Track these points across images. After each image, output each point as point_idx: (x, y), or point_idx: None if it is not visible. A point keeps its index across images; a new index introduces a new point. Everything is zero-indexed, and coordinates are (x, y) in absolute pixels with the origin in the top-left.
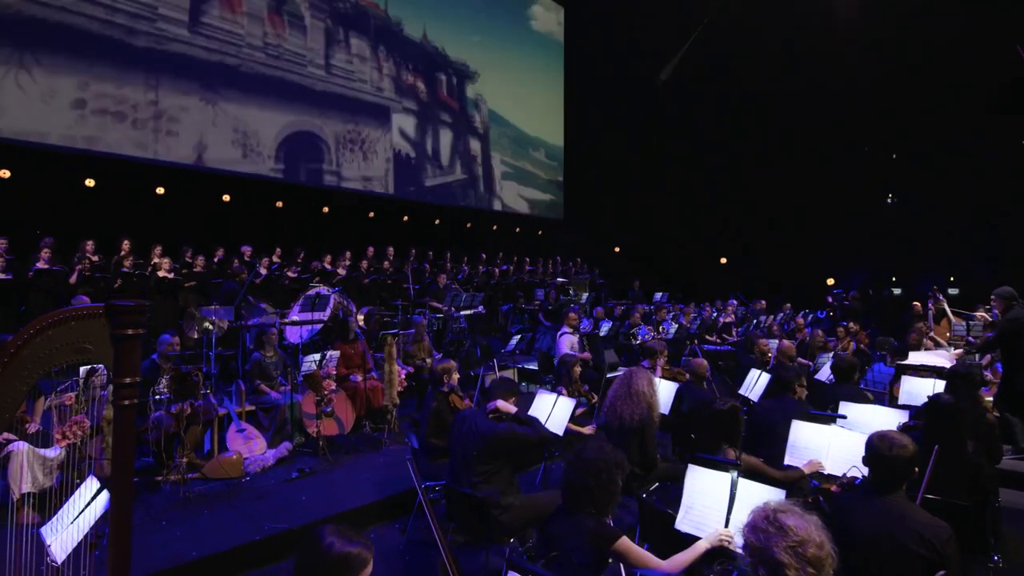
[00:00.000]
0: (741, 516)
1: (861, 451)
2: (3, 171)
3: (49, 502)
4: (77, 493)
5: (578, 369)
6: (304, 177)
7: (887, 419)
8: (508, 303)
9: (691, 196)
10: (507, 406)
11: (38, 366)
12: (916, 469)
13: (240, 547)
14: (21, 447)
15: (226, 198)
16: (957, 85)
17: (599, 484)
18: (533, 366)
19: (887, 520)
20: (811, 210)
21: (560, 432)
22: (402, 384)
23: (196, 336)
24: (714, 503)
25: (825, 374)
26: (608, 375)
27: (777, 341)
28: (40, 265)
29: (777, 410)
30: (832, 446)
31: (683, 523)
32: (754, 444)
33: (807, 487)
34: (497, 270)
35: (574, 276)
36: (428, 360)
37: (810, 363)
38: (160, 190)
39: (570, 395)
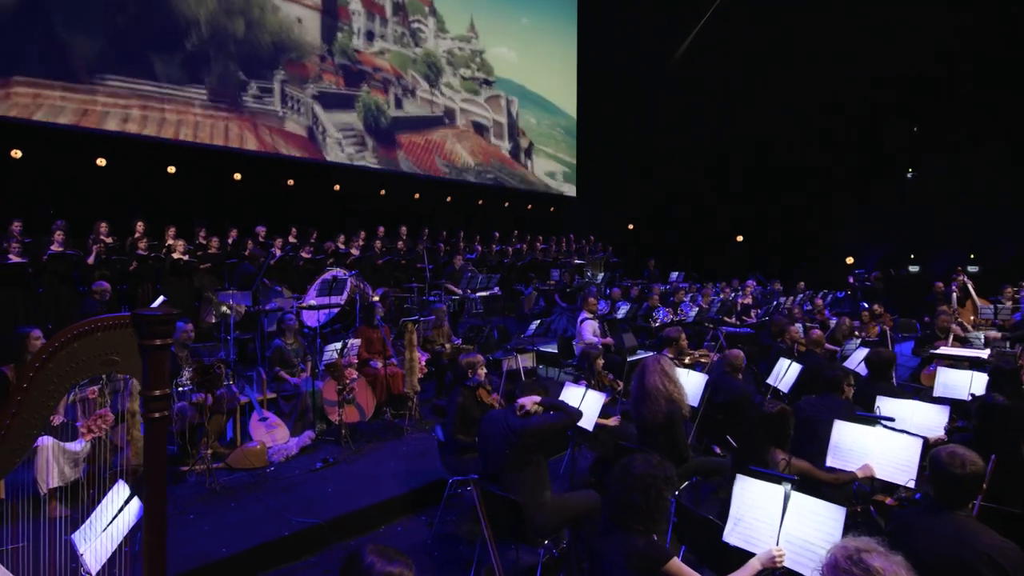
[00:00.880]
0: (794, 531)
1: (908, 455)
2: (14, 151)
3: (77, 495)
4: (107, 499)
5: (600, 361)
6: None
7: (929, 417)
8: (521, 283)
9: (705, 172)
10: (532, 401)
11: (64, 380)
12: (984, 485)
13: (269, 543)
14: (46, 442)
15: (237, 177)
16: (980, 54)
17: (648, 501)
18: (549, 348)
19: (955, 543)
20: (827, 186)
21: (590, 427)
22: (422, 371)
23: (214, 320)
24: (765, 516)
25: (854, 362)
26: (629, 359)
27: (799, 325)
28: (54, 248)
29: (823, 408)
30: (877, 449)
31: (732, 535)
32: (796, 444)
33: (850, 492)
34: (510, 248)
35: (587, 255)
36: (448, 346)
37: (837, 349)
38: (171, 169)
39: (594, 387)
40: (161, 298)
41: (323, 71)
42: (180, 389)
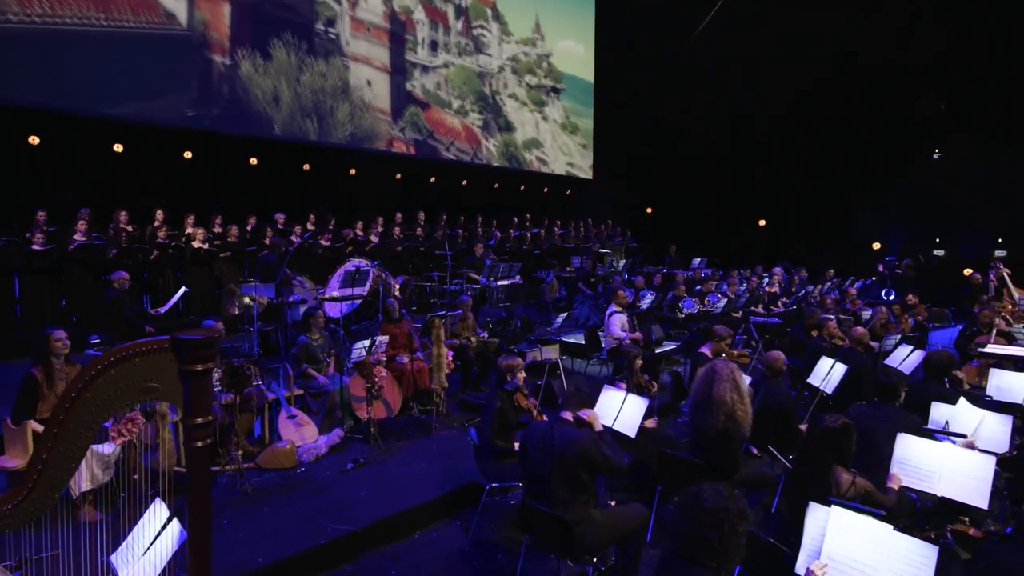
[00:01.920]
0: (875, 566)
1: (980, 475)
2: (32, 137)
3: (109, 498)
4: (145, 518)
5: (639, 361)
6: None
7: (992, 427)
8: (541, 270)
9: (725, 154)
10: (596, 420)
11: (103, 410)
12: None
13: (306, 553)
14: None
15: (253, 161)
16: (1009, 28)
17: (721, 537)
18: (572, 338)
19: None
20: (851, 167)
21: (632, 434)
22: (450, 366)
23: (236, 312)
24: (845, 551)
25: (896, 360)
26: (657, 351)
27: (833, 317)
28: (79, 238)
29: (878, 418)
30: (947, 467)
31: (804, 568)
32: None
33: (912, 510)
34: (528, 234)
35: (607, 240)
36: (473, 339)
37: (874, 344)
38: (188, 154)
39: (631, 389)
40: (183, 289)
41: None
42: None
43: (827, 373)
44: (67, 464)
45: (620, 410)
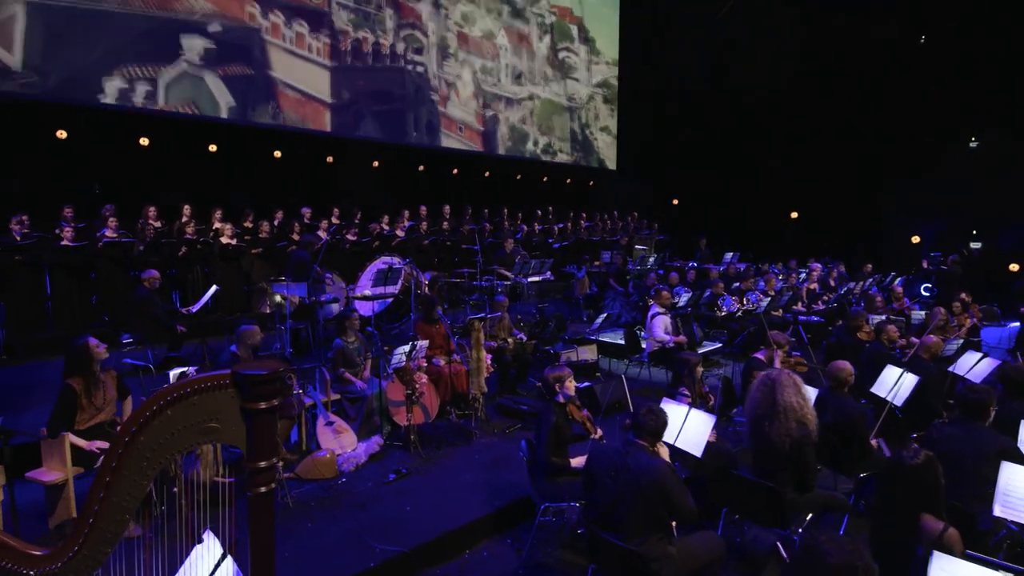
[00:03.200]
0: None
1: None
2: (60, 131)
3: (144, 510)
4: (195, 555)
5: (700, 369)
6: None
7: None
8: (571, 266)
9: (754, 142)
10: (662, 448)
11: (159, 454)
12: None
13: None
14: None
15: (277, 155)
16: None
17: None
18: (609, 337)
19: None
20: (884, 157)
21: (698, 452)
22: (489, 370)
23: (268, 311)
24: None
25: (963, 368)
26: (699, 351)
27: (884, 317)
28: (109, 234)
29: (964, 440)
30: None
31: None
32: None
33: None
34: (556, 228)
35: (633, 233)
36: (510, 340)
37: None
38: (212, 147)
39: (694, 400)
40: (214, 287)
41: None
42: None
43: (895, 384)
44: (121, 516)
45: (683, 426)
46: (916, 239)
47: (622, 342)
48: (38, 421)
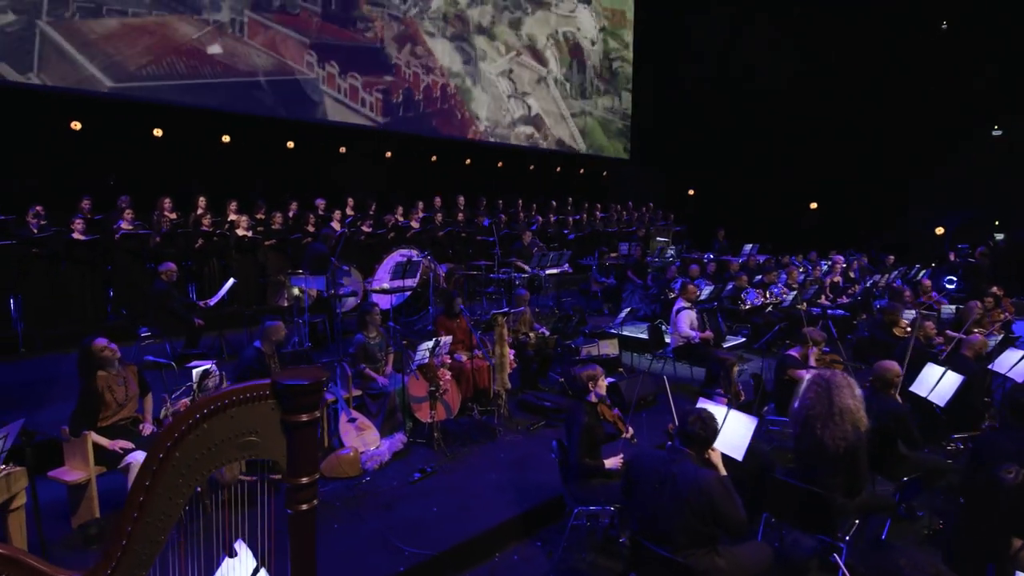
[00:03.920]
0: None
1: None
2: (74, 123)
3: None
4: (226, 567)
5: (737, 368)
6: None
7: None
8: (587, 257)
9: (771, 131)
10: (718, 458)
11: (195, 471)
12: None
13: None
14: (139, 458)
15: (290, 145)
16: None
17: None
18: (631, 332)
19: None
20: (905, 145)
21: (739, 456)
22: (512, 366)
23: (286, 304)
24: None
25: (1004, 366)
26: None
27: (915, 313)
28: (125, 227)
29: (1015, 444)
30: None
31: None
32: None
33: None
34: (571, 219)
35: (649, 224)
36: (531, 335)
37: None
38: (226, 138)
39: (730, 400)
40: (232, 280)
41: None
42: None
43: (936, 383)
44: (156, 536)
45: (722, 427)
46: (940, 230)
47: (644, 336)
48: (59, 415)
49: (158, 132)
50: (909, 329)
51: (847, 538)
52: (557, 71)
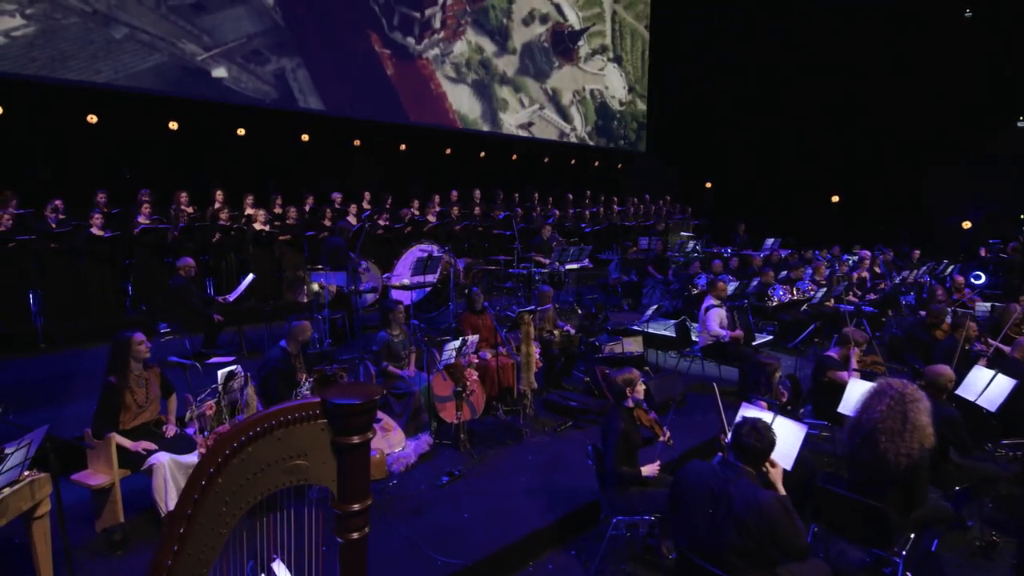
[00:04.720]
0: None
1: None
2: (91, 116)
3: None
4: None
5: (778, 374)
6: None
7: None
8: (607, 251)
9: (792, 121)
10: (778, 475)
11: (240, 498)
12: None
13: None
14: (162, 459)
15: (305, 138)
16: None
17: None
18: (656, 329)
19: None
20: (928, 138)
21: (788, 465)
22: (538, 364)
23: (306, 300)
24: None
25: None
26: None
27: (950, 311)
28: (143, 221)
29: None
30: None
31: None
32: None
33: None
34: (587, 212)
35: (667, 217)
36: (556, 332)
37: (1006, 348)
38: (241, 131)
39: (777, 407)
40: (250, 276)
41: None
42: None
43: (985, 387)
44: (198, 570)
45: None
46: (967, 224)
47: (669, 334)
48: (81, 412)
49: (173, 125)
50: (948, 329)
51: (903, 552)
52: (581, 128)
